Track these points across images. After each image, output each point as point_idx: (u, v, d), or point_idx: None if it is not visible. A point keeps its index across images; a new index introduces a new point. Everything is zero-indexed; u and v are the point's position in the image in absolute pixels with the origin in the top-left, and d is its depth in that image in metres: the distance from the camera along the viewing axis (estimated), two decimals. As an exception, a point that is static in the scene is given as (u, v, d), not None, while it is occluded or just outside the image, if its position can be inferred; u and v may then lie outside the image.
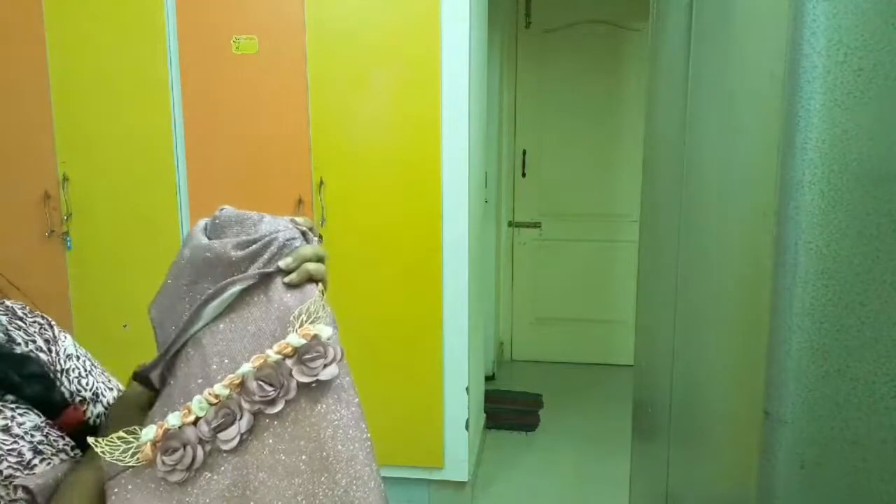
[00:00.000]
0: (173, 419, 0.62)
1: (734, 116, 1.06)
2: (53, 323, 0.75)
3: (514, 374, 3.87)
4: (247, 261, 0.65)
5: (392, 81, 2.20)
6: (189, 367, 0.64)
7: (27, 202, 2.36)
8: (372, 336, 2.31)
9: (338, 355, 0.64)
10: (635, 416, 1.82)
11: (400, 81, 2.20)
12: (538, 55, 3.79)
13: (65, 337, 0.75)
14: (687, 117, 1.29)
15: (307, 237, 0.70)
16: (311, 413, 0.62)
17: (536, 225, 3.91)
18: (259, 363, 0.62)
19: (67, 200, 2.35)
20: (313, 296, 0.66)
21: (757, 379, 0.87)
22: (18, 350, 0.68)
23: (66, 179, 2.34)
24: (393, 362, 2.34)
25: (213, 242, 0.66)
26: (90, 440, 0.62)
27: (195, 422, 0.62)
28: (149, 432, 0.61)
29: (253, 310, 0.66)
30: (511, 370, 3.94)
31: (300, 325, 0.64)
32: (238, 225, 0.68)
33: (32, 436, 0.63)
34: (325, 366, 0.63)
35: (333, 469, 0.61)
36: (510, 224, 3.94)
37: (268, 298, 0.66)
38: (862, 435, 0.80)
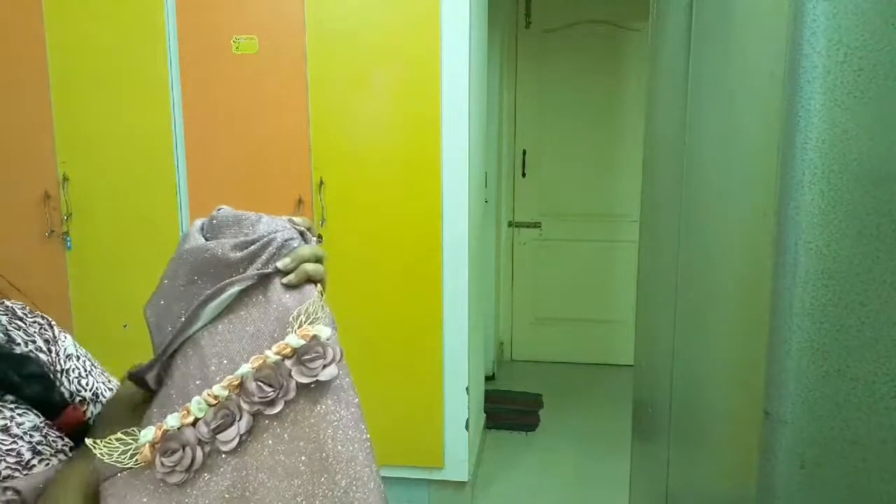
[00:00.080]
0: (172, 420, 0.61)
1: (734, 116, 1.06)
2: (53, 323, 0.75)
3: (514, 374, 3.87)
4: (245, 261, 0.65)
5: (392, 81, 2.20)
6: (187, 368, 0.64)
7: (27, 202, 2.36)
8: (372, 336, 2.31)
9: (337, 356, 0.63)
10: (635, 416, 1.82)
11: (400, 81, 2.20)
12: (538, 55, 3.79)
13: (65, 337, 0.75)
14: (687, 117, 1.29)
15: (305, 237, 0.69)
16: (311, 414, 0.62)
17: (536, 225, 3.91)
18: (258, 364, 0.62)
19: (67, 200, 2.35)
20: (312, 296, 0.66)
21: (757, 379, 0.87)
22: (18, 350, 0.68)
23: (66, 179, 2.34)
24: (393, 362, 2.34)
25: (211, 243, 0.66)
26: (88, 442, 0.61)
27: (194, 423, 0.61)
28: (147, 434, 0.61)
29: (252, 310, 0.65)
30: (511, 370, 3.94)
31: (299, 326, 0.64)
32: (235, 225, 0.68)
33: (31, 436, 0.63)
34: (325, 366, 0.62)
35: (333, 470, 0.61)
36: (510, 224, 3.94)
37: (266, 299, 0.65)
38: (862, 435, 0.80)
